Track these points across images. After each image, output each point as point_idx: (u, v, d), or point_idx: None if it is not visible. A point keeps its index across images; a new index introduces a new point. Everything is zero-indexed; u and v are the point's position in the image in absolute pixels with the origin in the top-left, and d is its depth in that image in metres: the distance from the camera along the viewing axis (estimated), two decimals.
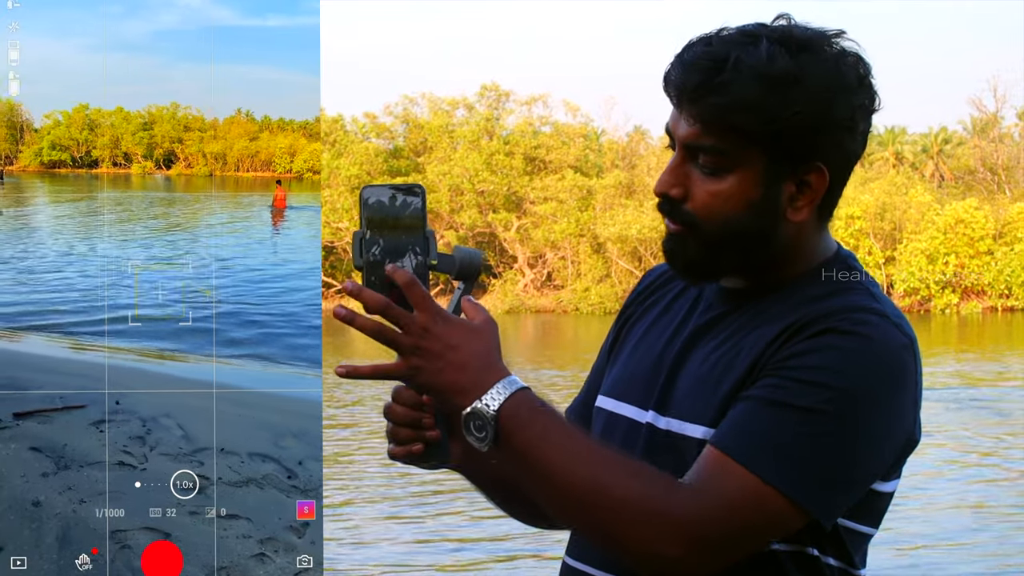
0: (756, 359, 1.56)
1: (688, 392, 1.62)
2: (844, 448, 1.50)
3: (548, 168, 48.62)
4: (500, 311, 45.02)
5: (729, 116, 1.56)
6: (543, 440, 1.50)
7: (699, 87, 1.56)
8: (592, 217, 46.13)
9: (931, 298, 42.98)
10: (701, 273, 1.65)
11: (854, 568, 1.61)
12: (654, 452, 1.63)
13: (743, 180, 1.58)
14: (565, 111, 51.90)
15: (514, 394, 1.51)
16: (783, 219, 1.60)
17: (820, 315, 1.54)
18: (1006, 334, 33.85)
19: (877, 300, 1.59)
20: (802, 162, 1.58)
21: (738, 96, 1.55)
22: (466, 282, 1.61)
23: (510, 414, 1.50)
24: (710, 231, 1.60)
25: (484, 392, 1.50)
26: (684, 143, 1.60)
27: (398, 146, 50.69)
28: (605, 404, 1.75)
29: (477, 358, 1.52)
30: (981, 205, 44.18)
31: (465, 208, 47.50)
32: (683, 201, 1.60)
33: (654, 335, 1.74)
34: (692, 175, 1.60)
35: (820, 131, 1.57)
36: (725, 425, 1.52)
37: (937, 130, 61.12)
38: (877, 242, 43.69)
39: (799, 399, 1.49)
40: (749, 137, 1.56)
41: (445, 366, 1.51)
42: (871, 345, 1.52)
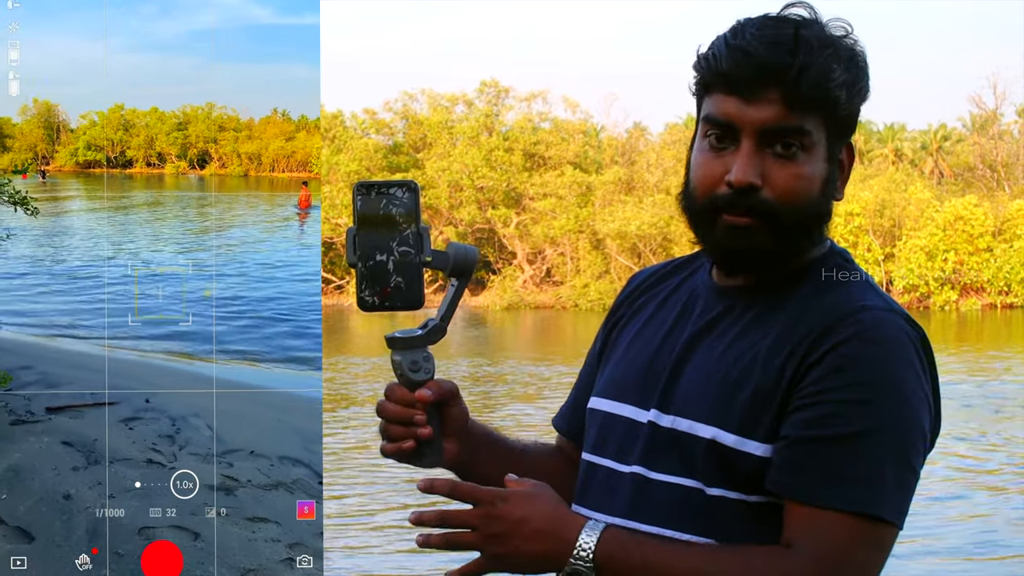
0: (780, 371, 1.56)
1: (695, 391, 1.62)
2: (906, 450, 1.53)
3: (547, 164, 48.52)
4: (499, 307, 44.97)
5: (826, 93, 1.55)
6: (648, 570, 1.51)
7: (793, 65, 1.54)
8: (591, 213, 46.04)
9: (930, 295, 42.94)
10: (768, 265, 1.63)
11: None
12: (655, 450, 1.63)
13: (817, 160, 1.59)
14: (564, 107, 51.90)
15: (600, 540, 1.52)
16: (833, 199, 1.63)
17: (834, 320, 1.55)
18: (1005, 331, 33.86)
19: (878, 294, 1.61)
20: (846, 140, 1.62)
21: (833, 73, 1.55)
22: (460, 279, 1.63)
23: (605, 559, 1.52)
24: (789, 216, 1.58)
25: (572, 551, 1.52)
26: (765, 127, 1.57)
27: (397, 142, 50.58)
28: (600, 405, 1.74)
29: (548, 521, 1.54)
30: (980, 202, 44.11)
31: (464, 204, 47.41)
32: (759, 190, 1.58)
33: (648, 334, 1.73)
34: (766, 162, 1.58)
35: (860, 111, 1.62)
36: (793, 474, 1.53)
37: (936, 127, 61.09)
38: (876, 239, 43.65)
39: (852, 424, 1.51)
40: (829, 116, 1.57)
41: (522, 543, 1.53)
42: (893, 346, 1.54)
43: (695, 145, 1.65)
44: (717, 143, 1.60)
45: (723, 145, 1.59)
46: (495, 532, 1.53)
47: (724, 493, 1.57)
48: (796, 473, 1.52)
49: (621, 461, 1.67)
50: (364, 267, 1.57)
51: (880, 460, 1.51)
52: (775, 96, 1.55)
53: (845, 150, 1.62)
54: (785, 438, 1.53)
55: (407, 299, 1.59)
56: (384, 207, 1.58)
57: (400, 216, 1.58)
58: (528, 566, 1.54)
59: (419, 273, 1.58)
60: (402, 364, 1.62)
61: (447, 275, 1.62)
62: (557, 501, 1.57)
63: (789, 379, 1.54)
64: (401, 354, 1.62)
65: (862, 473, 1.50)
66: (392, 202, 1.59)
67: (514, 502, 1.54)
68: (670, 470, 1.61)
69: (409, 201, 1.59)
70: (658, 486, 1.61)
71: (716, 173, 1.59)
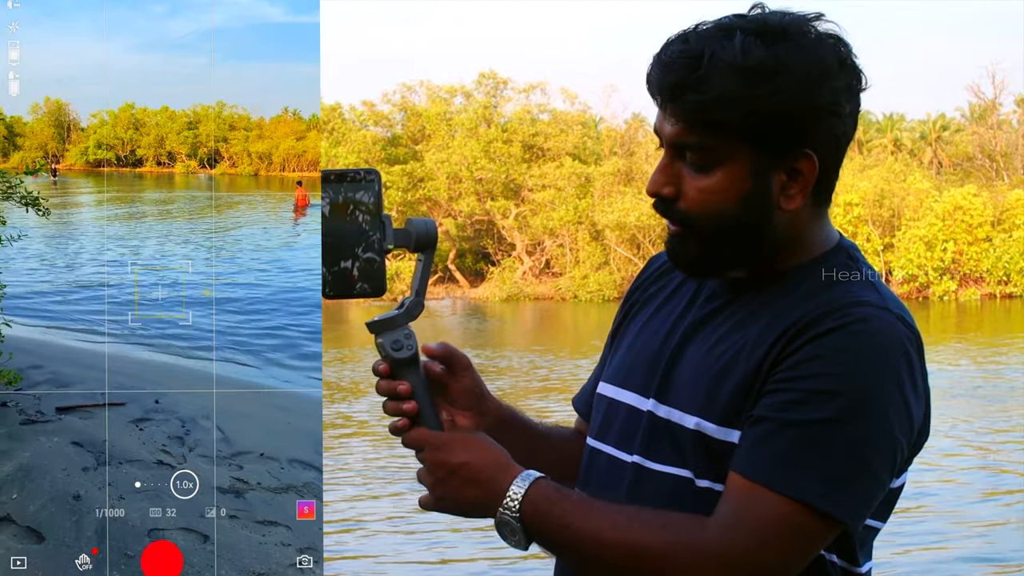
0: (761, 360, 1.56)
1: (687, 382, 1.62)
2: (865, 450, 1.50)
3: (546, 156, 48.52)
4: (498, 298, 45.00)
5: (709, 112, 1.55)
6: (566, 527, 1.54)
7: (677, 86, 1.56)
8: (590, 204, 46.05)
9: (929, 285, 42.98)
10: (703, 271, 1.66)
11: (856, 566, 1.61)
12: (654, 439, 1.64)
13: (732, 174, 1.58)
14: (563, 99, 51.93)
15: (528, 492, 1.56)
16: (776, 209, 1.60)
17: (822, 313, 1.54)
18: (1005, 321, 33.89)
19: (878, 292, 1.59)
20: (790, 150, 1.58)
21: (716, 92, 1.54)
22: (425, 252, 1.65)
23: (530, 512, 1.56)
24: (705, 227, 1.60)
25: (501, 500, 1.57)
26: (670, 142, 1.60)
27: (396, 134, 50.57)
28: (606, 391, 1.76)
29: (484, 469, 1.60)
30: (979, 192, 44.15)
31: (463, 196, 47.40)
32: (676, 200, 1.61)
33: (657, 323, 1.74)
34: (682, 173, 1.60)
35: (805, 118, 1.56)
36: (745, 450, 1.53)
37: (935, 117, 61.12)
38: (875, 229, 43.66)
39: (814, 412, 1.49)
40: (732, 131, 1.56)
41: (459, 488, 1.60)
42: (876, 342, 1.52)
43: None
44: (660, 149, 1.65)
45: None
46: (437, 477, 1.61)
47: (711, 485, 1.57)
48: (748, 449, 1.52)
49: (623, 449, 1.68)
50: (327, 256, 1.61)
51: (835, 453, 1.48)
52: (674, 112, 1.58)
53: (804, 161, 1.58)
54: (750, 417, 1.54)
55: (371, 286, 1.62)
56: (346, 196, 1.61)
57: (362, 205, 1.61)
58: (466, 510, 1.60)
59: (382, 260, 1.62)
60: (384, 346, 1.65)
61: (411, 251, 1.65)
62: (497, 450, 1.61)
63: (768, 367, 1.54)
64: (383, 336, 1.65)
65: (813, 461, 1.48)
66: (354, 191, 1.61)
67: (452, 448, 1.60)
68: (666, 460, 1.62)
69: (371, 190, 1.61)
70: (654, 476, 1.62)
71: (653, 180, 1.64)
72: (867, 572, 1.64)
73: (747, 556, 1.47)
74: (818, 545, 1.52)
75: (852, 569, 1.60)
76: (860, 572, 1.62)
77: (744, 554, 1.47)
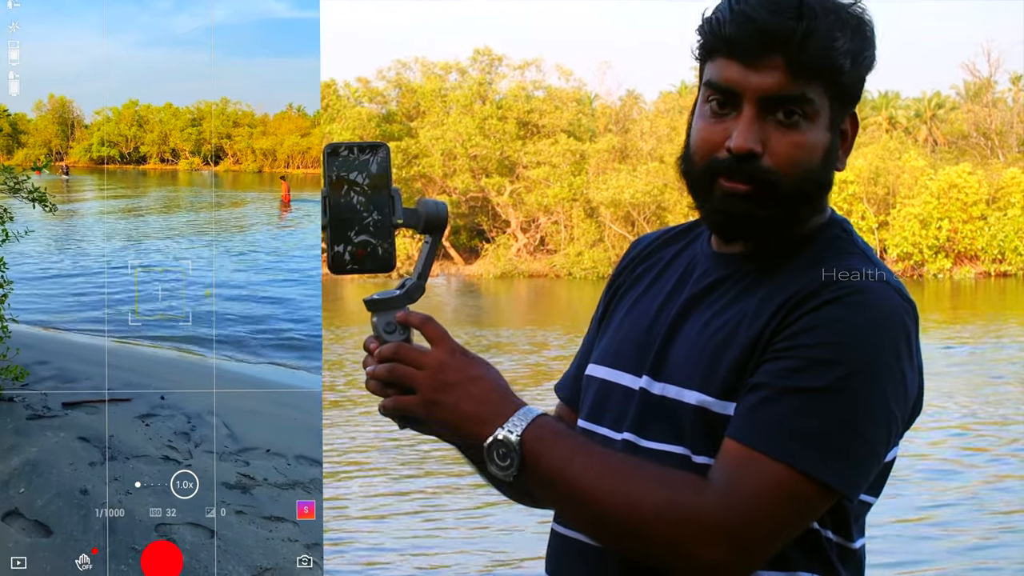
0: (760, 331, 1.54)
1: (685, 358, 1.60)
2: (862, 421, 1.49)
3: (541, 132, 48.43)
4: (493, 275, 45.01)
5: (829, 60, 1.53)
6: (568, 462, 1.50)
7: (796, 31, 1.52)
8: (585, 181, 46.00)
9: (924, 263, 43.03)
10: (770, 231, 1.60)
11: (850, 542, 1.61)
12: (647, 418, 1.62)
13: (819, 128, 1.57)
14: (558, 75, 51.69)
15: (534, 420, 1.51)
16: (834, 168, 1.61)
17: (821, 285, 1.53)
18: (999, 299, 33.96)
19: (874, 265, 1.58)
20: (848, 109, 1.59)
21: (836, 41, 1.53)
22: (433, 234, 1.61)
23: (533, 439, 1.51)
24: (790, 184, 1.56)
25: (505, 420, 1.51)
26: (765, 95, 1.55)
27: (391, 111, 50.43)
28: (597, 372, 1.73)
29: (495, 390, 1.54)
30: (974, 170, 44.13)
31: (458, 172, 47.33)
32: (759, 157, 1.55)
33: (646, 302, 1.72)
34: (767, 129, 1.55)
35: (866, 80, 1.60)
36: (741, 417, 1.51)
37: (931, 95, 61.03)
38: (870, 207, 43.68)
39: (812, 380, 1.48)
40: (831, 84, 1.55)
41: (464, 397, 1.53)
42: (875, 314, 1.51)
43: (696, 110, 1.62)
44: (719, 108, 1.58)
45: (724, 111, 1.57)
46: (440, 379, 1.53)
47: (709, 461, 1.54)
48: (744, 416, 1.50)
49: (615, 429, 1.66)
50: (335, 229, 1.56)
51: (832, 421, 1.47)
52: (778, 63, 1.53)
53: (849, 120, 1.60)
54: (746, 385, 1.53)
55: (379, 261, 1.57)
56: (355, 169, 1.56)
57: (371, 178, 1.56)
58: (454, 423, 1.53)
59: (391, 235, 1.57)
60: (378, 326, 1.60)
61: (419, 231, 1.60)
62: (505, 382, 1.57)
63: (768, 338, 1.53)
64: (379, 316, 1.60)
65: (810, 429, 1.47)
66: (364, 164, 1.56)
67: (473, 362, 1.55)
68: (659, 437, 1.60)
69: (381, 163, 1.57)
70: (648, 453, 1.60)
71: (716, 139, 1.57)
72: (860, 547, 1.63)
73: (739, 521, 1.45)
74: (812, 515, 1.51)
75: (847, 544, 1.60)
76: (854, 547, 1.61)
77: (736, 519, 1.45)
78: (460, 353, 1.54)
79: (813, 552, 1.57)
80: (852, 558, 1.62)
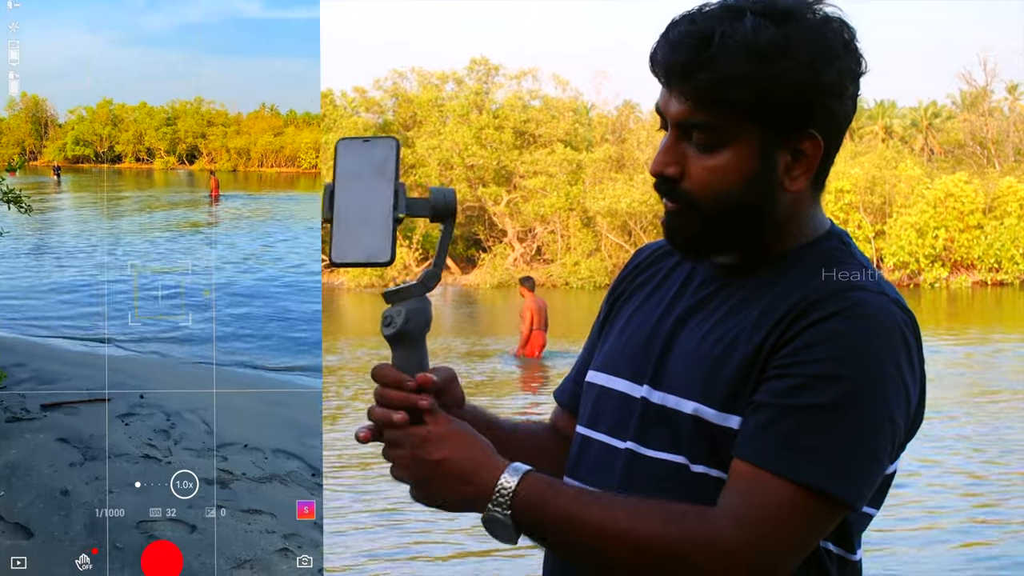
0: (760, 344, 1.56)
1: (683, 368, 1.62)
2: (867, 433, 1.51)
3: (538, 142, 48.45)
4: (489, 285, 44.97)
5: (720, 91, 1.55)
6: (565, 521, 1.51)
7: (687, 64, 1.56)
8: (582, 191, 46.00)
9: (920, 272, 43.00)
10: (701, 249, 1.65)
11: (851, 554, 1.62)
12: (647, 426, 1.64)
13: (738, 154, 1.58)
14: (555, 85, 51.75)
15: (519, 486, 1.52)
16: (780, 190, 1.61)
17: (820, 297, 1.54)
18: (995, 308, 33.95)
19: (874, 279, 1.59)
20: (795, 131, 1.59)
21: (727, 71, 1.55)
22: (445, 222, 1.62)
23: (523, 508, 1.52)
24: (709, 207, 1.60)
25: (490, 497, 1.53)
26: (676, 122, 1.60)
27: (388, 120, 50.45)
28: (597, 379, 1.75)
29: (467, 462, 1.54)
30: (971, 179, 44.12)
31: (455, 182, 47.27)
32: (680, 180, 1.61)
33: (647, 311, 1.74)
34: (687, 153, 1.60)
35: (812, 99, 1.57)
36: (748, 436, 1.53)
37: (927, 104, 61.11)
38: (866, 216, 43.66)
39: (816, 397, 1.49)
40: (741, 111, 1.56)
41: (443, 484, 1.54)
42: (876, 327, 1.52)
43: None
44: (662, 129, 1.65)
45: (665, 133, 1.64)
46: (419, 476, 1.55)
47: (707, 471, 1.57)
48: (751, 436, 1.52)
49: (616, 436, 1.68)
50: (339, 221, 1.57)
51: (838, 436, 1.49)
52: (682, 91, 1.58)
53: (808, 140, 1.60)
54: (751, 403, 1.54)
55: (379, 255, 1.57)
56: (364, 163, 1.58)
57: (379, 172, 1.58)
58: (455, 506, 1.55)
59: (393, 229, 1.57)
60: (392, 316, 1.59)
61: (431, 220, 1.62)
62: (480, 443, 1.57)
63: (768, 352, 1.54)
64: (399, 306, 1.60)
65: (817, 445, 1.48)
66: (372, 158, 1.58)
67: (431, 445, 1.55)
68: (659, 446, 1.62)
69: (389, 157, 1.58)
70: (648, 462, 1.62)
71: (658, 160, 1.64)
72: (859, 560, 1.65)
73: (756, 545, 1.46)
74: (824, 530, 1.53)
75: (848, 556, 1.62)
76: (855, 559, 1.63)
77: (753, 543, 1.46)
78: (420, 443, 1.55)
79: (814, 564, 1.58)
80: (852, 570, 1.64)
